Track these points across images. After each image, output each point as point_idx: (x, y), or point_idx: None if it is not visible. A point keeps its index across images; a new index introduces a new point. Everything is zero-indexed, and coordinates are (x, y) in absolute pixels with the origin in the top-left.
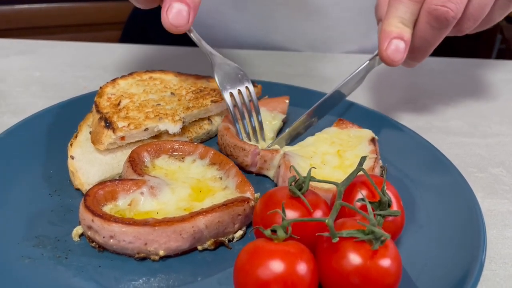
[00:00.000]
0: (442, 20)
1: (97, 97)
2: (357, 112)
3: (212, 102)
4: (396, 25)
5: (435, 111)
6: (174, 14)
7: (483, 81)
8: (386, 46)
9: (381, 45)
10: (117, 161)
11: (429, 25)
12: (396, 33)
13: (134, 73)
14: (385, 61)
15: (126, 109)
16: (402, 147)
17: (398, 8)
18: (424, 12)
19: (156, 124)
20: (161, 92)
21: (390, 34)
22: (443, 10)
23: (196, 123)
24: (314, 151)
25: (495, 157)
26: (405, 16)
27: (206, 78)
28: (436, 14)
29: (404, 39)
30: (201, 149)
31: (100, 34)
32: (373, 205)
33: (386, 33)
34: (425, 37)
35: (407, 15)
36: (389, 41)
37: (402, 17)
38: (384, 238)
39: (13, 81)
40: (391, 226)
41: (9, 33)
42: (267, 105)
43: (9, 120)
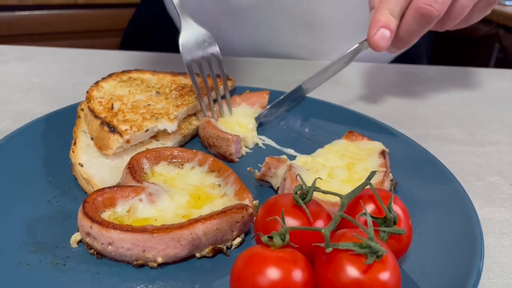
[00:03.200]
0: (426, 17)
1: (87, 102)
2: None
3: (197, 99)
4: (385, 15)
5: (433, 119)
6: None
7: (480, 89)
8: (374, 33)
9: (370, 31)
10: (124, 163)
11: (415, 20)
12: (384, 22)
13: (113, 74)
14: (372, 46)
15: (122, 112)
16: (400, 155)
17: (390, 1)
18: (412, 8)
19: (155, 124)
20: (146, 92)
21: (379, 23)
22: (429, 9)
23: (185, 119)
24: (323, 164)
25: (492, 166)
26: (394, 9)
27: (182, 74)
28: (422, 11)
29: (390, 28)
30: (200, 156)
31: (99, 40)
32: (379, 221)
33: (375, 21)
34: (409, 30)
35: (396, 8)
36: (377, 29)
37: (391, 9)
38: (380, 253)
39: (13, 87)
40: (396, 243)
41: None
42: (247, 100)
43: (8, 126)
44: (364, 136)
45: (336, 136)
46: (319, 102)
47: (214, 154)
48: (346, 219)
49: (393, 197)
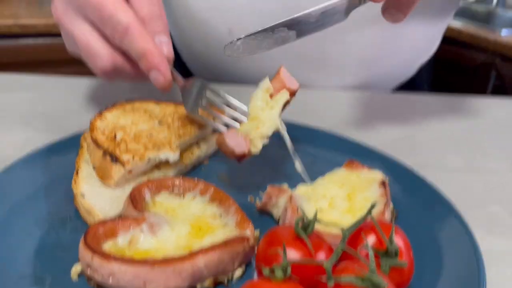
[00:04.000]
0: None
1: (90, 132)
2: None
3: (199, 128)
4: None
5: (432, 147)
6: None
7: (479, 117)
8: None
9: None
10: (126, 193)
11: None
12: None
13: (116, 104)
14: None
15: (124, 142)
16: (401, 184)
17: None
18: None
19: (157, 154)
20: (149, 121)
21: None
22: None
23: (187, 149)
24: (323, 194)
25: (492, 195)
26: None
27: None
28: None
29: None
30: (201, 185)
31: None
32: (380, 253)
33: None
34: None
35: None
36: None
37: None
38: (382, 286)
39: (16, 116)
40: (398, 275)
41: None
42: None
43: (11, 154)
44: (364, 165)
45: (336, 165)
46: (318, 131)
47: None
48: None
49: (394, 228)
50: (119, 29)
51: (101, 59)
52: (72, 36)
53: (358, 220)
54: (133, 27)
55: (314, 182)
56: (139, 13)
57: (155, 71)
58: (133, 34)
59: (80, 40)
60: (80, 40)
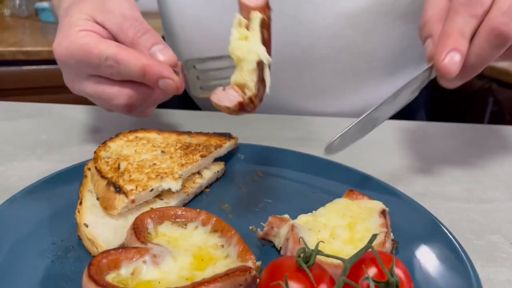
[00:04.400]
0: (502, 38)
1: (94, 162)
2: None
3: (201, 157)
4: (455, 37)
5: (431, 175)
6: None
7: (477, 145)
8: (443, 57)
9: (438, 56)
10: (129, 224)
11: (488, 42)
12: (454, 45)
13: (120, 134)
14: (441, 72)
15: (127, 172)
16: (401, 214)
17: (457, 21)
18: (486, 28)
19: (159, 183)
20: (152, 151)
21: (448, 46)
22: (506, 29)
23: (189, 178)
24: (324, 224)
25: (491, 223)
26: (464, 29)
27: (187, 133)
28: (498, 31)
29: (461, 51)
30: (204, 215)
31: None
32: (381, 285)
33: (444, 44)
34: (481, 54)
35: (466, 29)
36: (447, 53)
37: (461, 29)
38: None
39: (20, 144)
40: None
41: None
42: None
43: (15, 183)
44: (365, 195)
45: (337, 195)
46: (318, 159)
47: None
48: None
49: (394, 260)
50: (110, 63)
51: (116, 97)
52: (87, 96)
53: (359, 251)
54: (120, 54)
55: (315, 212)
56: (127, 39)
57: (161, 80)
58: (124, 59)
59: (92, 94)
60: (92, 95)
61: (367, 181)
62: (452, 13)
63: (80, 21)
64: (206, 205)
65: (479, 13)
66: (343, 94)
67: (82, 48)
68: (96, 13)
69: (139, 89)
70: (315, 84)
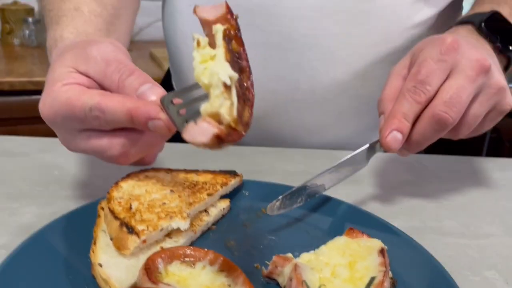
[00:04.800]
0: (442, 124)
1: (108, 203)
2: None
3: (208, 196)
4: (399, 119)
5: (429, 210)
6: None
7: (473, 178)
8: (387, 134)
9: (383, 133)
10: (141, 263)
11: (430, 125)
12: (397, 125)
13: (131, 174)
14: (384, 147)
15: (139, 212)
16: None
17: (403, 105)
18: (428, 114)
19: (169, 223)
20: (161, 190)
21: (392, 125)
22: (445, 116)
23: (196, 216)
24: (326, 262)
25: (487, 259)
26: (408, 114)
27: (194, 171)
28: (438, 118)
29: (403, 132)
30: (211, 255)
31: None
32: None
33: (389, 124)
34: (423, 134)
35: (410, 113)
36: (390, 131)
37: (405, 113)
38: None
39: (33, 180)
40: None
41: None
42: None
43: (30, 220)
44: (364, 233)
45: (336, 231)
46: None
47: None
48: None
49: None
50: (95, 113)
51: (109, 149)
52: (83, 152)
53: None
54: (104, 102)
55: (317, 250)
56: (113, 84)
57: (150, 122)
58: (108, 106)
59: (86, 149)
60: (86, 149)
61: (366, 218)
62: (401, 96)
63: (62, 75)
64: (213, 242)
65: (423, 100)
66: (343, 130)
67: (65, 103)
68: (78, 63)
69: (130, 136)
70: (316, 122)
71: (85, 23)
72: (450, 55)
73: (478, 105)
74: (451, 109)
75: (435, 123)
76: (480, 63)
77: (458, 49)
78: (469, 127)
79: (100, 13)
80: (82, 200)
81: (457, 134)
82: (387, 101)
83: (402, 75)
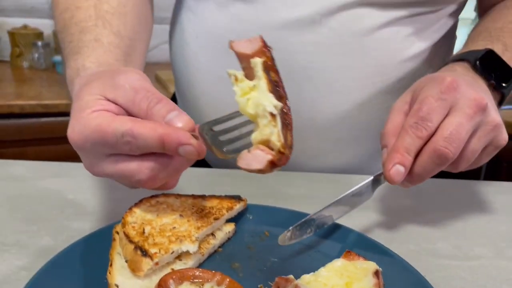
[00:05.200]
0: (442, 158)
1: (122, 227)
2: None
3: (214, 220)
4: (401, 153)
5: (424, 233)
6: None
7: (469, 202)
8: (390, 168)
9: (386, 166)
10: (154, 283)
11: (431, 159)
12: (400, 159)
13: (143, 199)
14: (387, 179)
15: (152, 236)
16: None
17: (406, 139)
18: (429, 148)
19: (179, 246)
20: (171, 215)
21: (395, 159)
22: (445, 151)
23: (204, 239)
24: (325, 283)
25: (478, 280)
26: (410, 148)
27: (201, 197)
28: (439, 153)
29: (405, 165)
30: (218, 276)
31: None
32: None
33: (392, 157)
34: (425, 168)
35: (412, 147)
36: (393, 165)
37: (407, 148)
38: None
39: (49, 204)
40: None
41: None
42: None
43: (48, 243)
44: (360, 256)
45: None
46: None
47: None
48: None
49: None
50: (127, 139)
51: (138, 173)
52: (108, 177)
53: None
54: (136, 128)
55: (316, 272)
56: (141, 112)
57: (180, 147)
58: (140, 132)
59: (113, 174)
60: (113, 174)
61: (364, 242)
62: (403, 132)
63: (90, 102)
64: (219, 264)
65: (424, 135)
66: (342, 156)
67: (96, 130)
68: (106, 91)
69: (159, 160)
70: (317, 148)
71: (105, 53)
72: (449, 94)
73: (476, 140)
74: (451, 144)
75: (436, 158)
76: (477, 102)
77: (457, 89)
78: (468, 161)
79: (118, 44)
80: (96, 222)
81: (456, 167)
82: (390, 136)
83: (404, 110)
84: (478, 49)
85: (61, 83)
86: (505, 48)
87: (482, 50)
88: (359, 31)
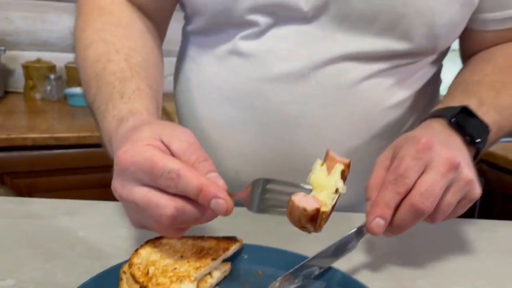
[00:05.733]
0: (419, 212)
1: (129, 267)
2: None
3: (212, 260)
4: (381, 207)
5: (405, 272)
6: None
7: (451, 240)
8: (371, 220)
9: (368, 218)
10: None
11: (409, 213)
12: (379, 213)
13: (149, 241)
14: (369, 231)
15: (155, 277)
16: None
17: (385, 195)
18: (407, 203)
19: (179, 286)
20: (173, 256)
21: (376, 213)
22: (422, 206)
23: (202, 279)
24: None
25: None
26: (390, 202)
27: (200, 238)
28: (416, 207)
29: (385, 218)
30: None
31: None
32: None
33: (373, 211)
34: (403, 220)
35: (391, 202)
36: (374, 217)
37: (387, 202)
38: None
39: (61, 241)
40: None
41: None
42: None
43: (61, 279)
44: None
45: None
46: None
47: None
48: None
49: None
50: (171, 176)
51: (163, 207)
52: (133, 201)
53: None
54: (185, 170)
55: None
56: (188, 162)
57: (214, 199)
58: (186, 175)
59: (140, 200)
60: (140, 200)
61: (346, 281)
62: (383, 187)
63: (148, 139)
64: None
65: (402, 191)
66: None
67: (148, 159)
68: (164, 135)
69: (187, 205)
70: None
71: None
72: (425, 153)
73: (450, 195)
74: (427, 199)
75: (413, 211)
76: (450, 161)
77: (432, 148)
78: (444, 214)
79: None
80: (106, 259)
81: (433, 219)
82: (372, 189)
83: (385, 166)
84: (454, 106)
85: (72, 115)
86: (480, 103)
87: (457, 107)
88: (344, 83)
